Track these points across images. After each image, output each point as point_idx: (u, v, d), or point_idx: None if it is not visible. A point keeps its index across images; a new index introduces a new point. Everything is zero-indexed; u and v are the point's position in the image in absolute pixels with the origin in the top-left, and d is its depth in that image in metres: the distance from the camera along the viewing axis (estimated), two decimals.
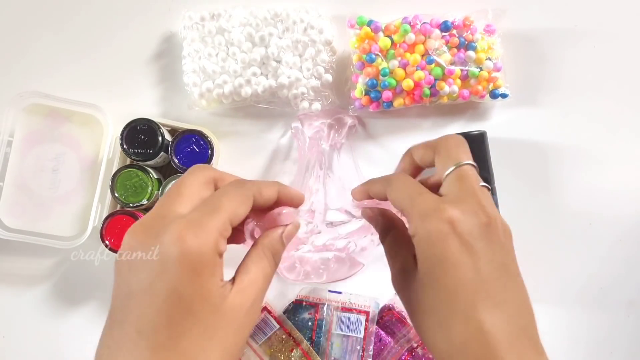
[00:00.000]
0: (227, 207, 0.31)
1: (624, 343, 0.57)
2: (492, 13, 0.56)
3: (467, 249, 0.34)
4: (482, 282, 0.34)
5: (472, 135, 0.54)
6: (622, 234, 0.58)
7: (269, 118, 0.58)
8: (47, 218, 0.56)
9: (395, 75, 0.54)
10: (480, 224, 0.34)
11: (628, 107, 0.58)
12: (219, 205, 0.31)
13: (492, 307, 0.33)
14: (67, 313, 0.58)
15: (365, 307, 0.56)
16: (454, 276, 0.34)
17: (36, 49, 0.59)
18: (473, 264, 0.34)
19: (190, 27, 0.56)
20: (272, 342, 0.55)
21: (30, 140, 0.55)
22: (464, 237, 0.34)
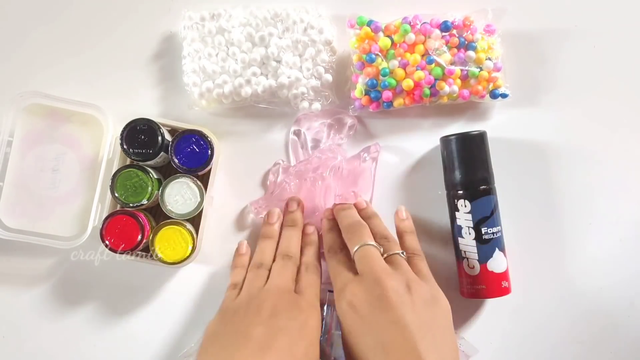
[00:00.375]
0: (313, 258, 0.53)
1: (624, 343, 0.57)
2: (492, 13, 0.56)
3: (363, 321, 0.41)
4: (383, 345, 0.40)
5: (472, 135, 0.54)
6: (622, 234, 0.58)
7: (269, 118, 0.58)
8: (47, 218, 0.56)
9: (395, 75, 0.54)
10: (372, 298, 0.42)
11: (628, 106, 0.58)
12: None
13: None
14: (67, 313, 0.58)
15: None
16: (357, 345, 0.41)
17: (36, 48, 0.59)
18: (369, 333, 0.41)
19: (190, 27, 0.56)
20: None
21: (30, 140, 0.55)
22: (360, 312, 0.42)
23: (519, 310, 0.57)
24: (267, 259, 0.51)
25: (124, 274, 0.57)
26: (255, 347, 0.40)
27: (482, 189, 0.53)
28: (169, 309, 0.57)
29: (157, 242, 0.53)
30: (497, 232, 0.53)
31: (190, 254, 0.53)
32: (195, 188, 0.53)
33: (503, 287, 0.53)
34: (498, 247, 0.53)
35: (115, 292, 0.58)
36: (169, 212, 0.53)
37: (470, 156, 0.54)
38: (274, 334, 0.41)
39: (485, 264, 0.53)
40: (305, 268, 0.50)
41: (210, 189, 0.55)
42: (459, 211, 0.53)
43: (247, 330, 0.42)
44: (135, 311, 0.57)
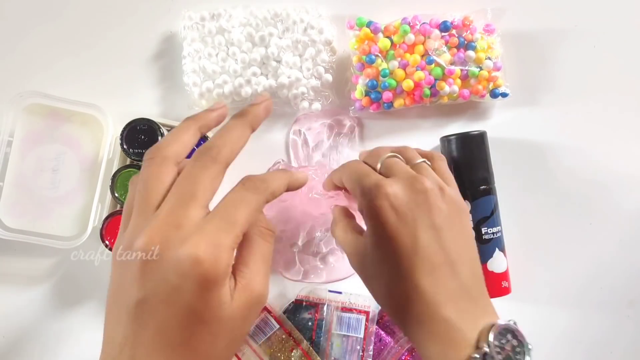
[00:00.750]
0: (242, 221, 0.32)
1: (624, 343, 0.57)
2: (491, 12, 0.56)
3: (402, 219, 0.38)
4: (418, 248, 0.37)
5: (472, 135, 0.54)
6: (622, 234, 0.58)
7: (269, 118, 0.58)
8: (47, 218, 0.56)
9: (395, 76, 0.54)
10: (414, 195, 0.39)
11: (628, 106, 0.58)
12: (235, 220, 0.32)
13: (429, 271, 0.37)
14: (67, 313, 0.58)
15: (365, 307, 0.56)
16: (394, 246, 0.38)
17: (36, 48, 0.59)
18: (409, 233, 0.38)
19: (190, 27, 0.56)
20: (272, 342, 0.55)
21: (30, 140, 0.55)
22: (400, 209, 0.38)
23: (519, 310, 0.57)
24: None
25: None
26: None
27: (482, 188, 0.53)
28: None
29: None
30: (497, 232, 0.53)
31: None
32: None
33: (503, 287, 0.53)
34: (498, 247, 0.53)
35: None
36: None
37: (471, 156, 0.54)
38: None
39: (485, 264, 0.53)
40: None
41: None
42: None
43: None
44: None
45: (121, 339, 0.31)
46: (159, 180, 0.33)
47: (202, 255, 0.30)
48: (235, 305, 0.32)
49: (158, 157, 0.34)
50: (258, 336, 0.55)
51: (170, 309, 0.30)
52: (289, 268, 0.56)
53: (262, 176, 0.36)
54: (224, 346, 0.32)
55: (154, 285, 0.30)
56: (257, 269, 0.34)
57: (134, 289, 0.31)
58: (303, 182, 0.41)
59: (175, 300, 0.30)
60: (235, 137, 0.36)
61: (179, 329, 0.30)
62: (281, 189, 0.37)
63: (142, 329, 0.30)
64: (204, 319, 0.30)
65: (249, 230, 0.35)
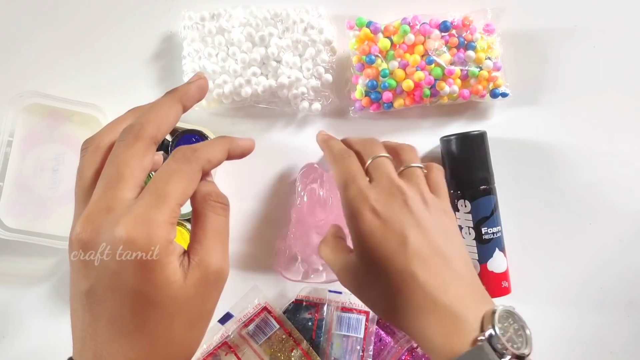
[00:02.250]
0: (174, 194, 0.30)
1: (624, 343, 0.57)
2: (491, 12, 0.56)
3: (386, 223, 0.39)
4: (408, 243, 0.38)
5: (472, 136, 0.54)
6: (622, 234, 0.58)
7: (269, 118, 0.58)
8: (47, 218, 0.56)
9: (395, 76, 0.54)
10: (394, 204, 0.40)
11: (628, 106, 0.58)
12: (166, 194, 0.30)
13: (422, 262, 0.38)
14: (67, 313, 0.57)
15: (365, 306, 0.56)
16: (383, 249, 0.39)
17: (36, 48, 0.59)
18: (396, 234, 0.39)
19: (190, 27, 0.56)
20: (272, 342, 0.55)
21: (30, 140, 0.56)
22: (383, 215, 0.40)
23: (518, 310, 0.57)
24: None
25: None
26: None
27: (482, 189, 0.53)
28: None
29: None
30: (497, 232, 0.53)
31: None
32: None
33: (503, 287, 0.53)
34: (498, 247, 0.53)
35: None
36: None
37: (470, 156, 0.54)
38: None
39: (486, 264, 0.53)
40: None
41: None
42: (459, 211, 0.54)
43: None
44: None
45: (80, 332, 0.30)
46: (87, 168, 0.33)
47: (134, 234, 0.28)
48: (189, 283, 0.30)
49: (91, 146, 0.34)
50: (258, 336, 0.55)
51: (116, 296, 0.29)
52: (289, 268, 0.56)
53: (194, 145, 0.33)
54: (185, 328, 0.31)
55: (96, 274, 0.29)
56: (211, 245, 0.32)
57: (80, 280, 0.30)
58: (247, 149, 0.38)
59: (119, 285, 0.29)
60: (162, 113, 0.33)
61: (131, 315, 0.29)
62: (218, 156, 0.34)
63: (95, 320, 0.30)
64: (155, 301, 0.29)
65: (198, 205, 0.33)
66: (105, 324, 0.29)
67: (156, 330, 0.30)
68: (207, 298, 0.32)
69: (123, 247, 0.28)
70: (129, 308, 0.29)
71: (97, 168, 0.33)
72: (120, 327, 0.29)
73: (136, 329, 0.29)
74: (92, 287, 0.30)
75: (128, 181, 0.30)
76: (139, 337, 0.29)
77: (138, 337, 0.29)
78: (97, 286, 0.29)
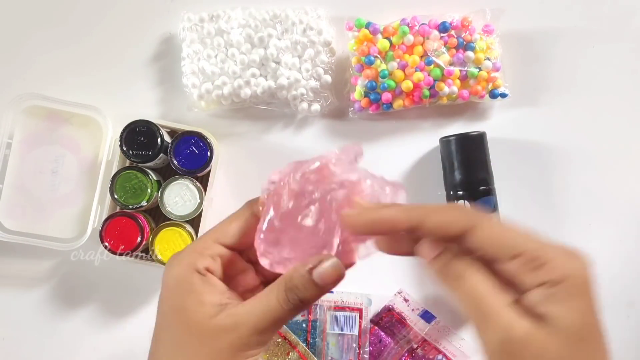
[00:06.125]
0: (212, 228, 0.32)
1: (624, 343, 0.57)
2: (490, 13, 0.56)
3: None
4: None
5: (471, 136, 0.54)
6: (622, 234, 0.58)
7: (268, 119, 0.58)
8: (47, 220, 0.55)
9: (395, 76, 0.54)
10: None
11: (628, 106, 0.58)
12: (206, 231, 0.32)
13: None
14: (67, 315, 0.58)
15: (358, 304, 0.56)
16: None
17: (35, 50, 0.59)
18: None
19: (189, 28, 0.56)
20: (268, 347, 0.55)
21: (29, 142, 0.55)
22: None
23: None
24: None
25: (124, 275, 0.57)
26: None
27: (482, 189, 0.53)
28: None
29: (156, 243, 0.53)
30: None
31: None
32: (194, 189, 0.53)
33: None
34: None
35: (116, 293, 0.57)
36: (168, 213, 0.53)
37: (470, 157, 0.54)
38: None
39: None
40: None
41: (209, 190, 0.55)
42: None
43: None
44: (136, 312, 0.57)
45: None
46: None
47: (170, 261, 0.32)
48: (207, 324, 0.30)
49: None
50: None
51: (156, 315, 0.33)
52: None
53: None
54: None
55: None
56: (253, 312, 0.30)
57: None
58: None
59: (158, 306, 0.33)
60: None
61: (155, 335, 0.32)
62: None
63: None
64: (168, 323, 0.31)
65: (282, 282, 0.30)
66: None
67: (160, 356, 0.32)
68: (219, 351, 0.30)
69: (164, 272, 0.32)
70: (156, 326, 0.32)
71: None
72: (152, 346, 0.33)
73: (153, 348, 0.32)
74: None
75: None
76: (150, 357, 0.32)
77: (150, 357, 0.32)
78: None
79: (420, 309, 0.56)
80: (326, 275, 0.29)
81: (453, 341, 0.56)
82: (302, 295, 0.29)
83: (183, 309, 0.30)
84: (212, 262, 0.31)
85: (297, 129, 0.59)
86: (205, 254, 0.31)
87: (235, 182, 0.58)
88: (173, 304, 0.30)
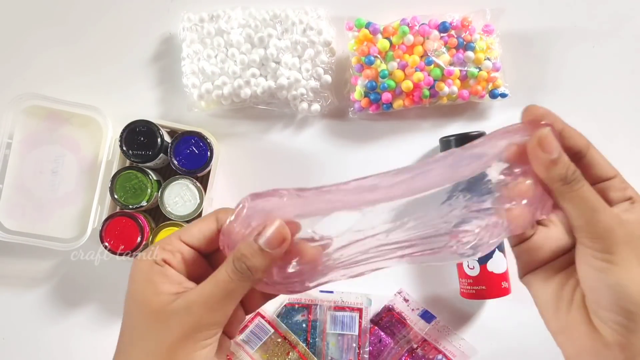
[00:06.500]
0: (179, 230, 0.33)
1: None
2: (490, 13, 0.56)
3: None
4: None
5: (471, 136, 0.54)
6: None
7: (268, 119, 0.58)
8: (47, 220, 0.56)
9: (395, 76, 0.54)
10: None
11: (627, 106, 0.58)
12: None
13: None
14: (67, 315, 0.58)
15: (358, 304, 0.56)
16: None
17: (35, 50, 0.59)
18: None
19: (189, 28, 0.56)
20: (268, 347, 0.55)
21: (29, 142, 0.55)
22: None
23: (518, 310, 0.57)
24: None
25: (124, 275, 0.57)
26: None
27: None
28: None
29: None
30: None
31: None
32: (194, 189, 0.53)
33: (503, 288, 0.53)
34: (498, 248, 0.53)
35: (116, 293, 0.57)
36: (168, 213, 0.53)
37: None
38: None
39: (485, 264, 0.53)
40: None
41: (209, 190, 0.55)
42: None
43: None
44: None
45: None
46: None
47: (138, 257, 0.34)
48: (164, 309, 0.31)
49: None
50: (253, 342, 0.55)
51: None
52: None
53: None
54: (140, 352, 0.33)
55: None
56: (206, 291, 0.31)
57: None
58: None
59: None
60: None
61: (122, 320, 0.34)
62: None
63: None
64: (129, 310, 0.33)
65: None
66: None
67: (122, 342, 0.34)
68: (177, 333, 0.31)
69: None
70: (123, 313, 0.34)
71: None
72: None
73: (120, 334, 0.34)
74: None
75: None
76: (118, 341, 0.35)
77: (118, 341, 0.35)
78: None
79: (420, 309, 0.56)
80: (271, 238, 0.30)
81: (453, 341, 0.56)
82: (250, 263, 0.30)
83: (142, 299, 0.31)
84: (171, 256, 0.32)
85: (297, 129, 0.59)
86: (166, 248, 0.32)
87: (235, 182, 0.58)
88: (134, 295, 0.32)
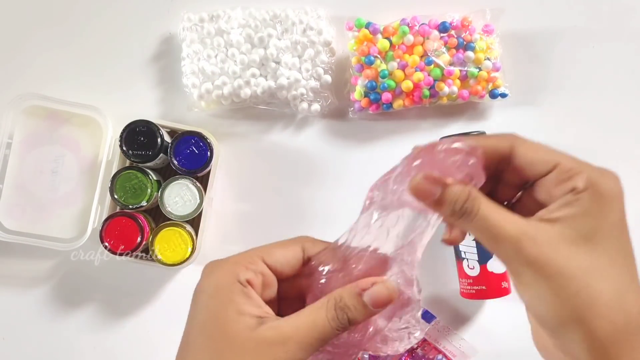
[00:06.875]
0: (259, 247, 0.32)
1: None
2: (490, 13, 0.56)
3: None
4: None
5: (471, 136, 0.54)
6: None
7: (268, 119, 0.58)
8: (47, 220, 0.56)
9: (395, 76, 0.54)
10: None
11: (628, 106, 0.58)
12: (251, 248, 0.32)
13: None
14: (67, 315, 0.58)
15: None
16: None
17: (35, 50, 0.59)
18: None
19: (189, 28, 0.56)
20: None
21: (29, 142, 0.55)
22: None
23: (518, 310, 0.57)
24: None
25: (124, 275, 0.57)
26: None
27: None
28: (168, 310, 0.57)
29: (156, 243, 0.53)
30: None
31: (190, 256, 0.53)
32: (194, 189, 0.53)
33: (503, 288, 0.53)
34: None
35: (115, 293, 0.57)
36: (168, 213, 0.53)
37: None
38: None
39: (485, 264, 0.53)
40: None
41: (209, 190, 0.55)
42: None
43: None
44: (135, 312, 0.57)
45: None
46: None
47: (210, 269, 0.32)
48: (247, 336, 0.29)
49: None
50: None
51: (190, 321, 0.32)
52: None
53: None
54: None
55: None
56: (297, 326, 0.29)
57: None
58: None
59: (191, 314, 0.32)
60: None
61: (186, 340, 0.32)
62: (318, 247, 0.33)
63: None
64: (206, 330, 0.31)
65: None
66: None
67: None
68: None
69: (201, 279, 0.32)
70: (187, 333, 0.32)
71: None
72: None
73: (186, 353, 0.32)
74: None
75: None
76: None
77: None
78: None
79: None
80: (377, 296, 0.30)
81: (453, 341, 0.56)
82: (351, 315, 0.29)
83: (221, 317, 0.29)
84: (255, 277, 0.31)
85: (297, 129, 0.59)
86: (249, 267, 0.31)
87: (235, 182, 0.58)
88: (210, 311, 0.30)
